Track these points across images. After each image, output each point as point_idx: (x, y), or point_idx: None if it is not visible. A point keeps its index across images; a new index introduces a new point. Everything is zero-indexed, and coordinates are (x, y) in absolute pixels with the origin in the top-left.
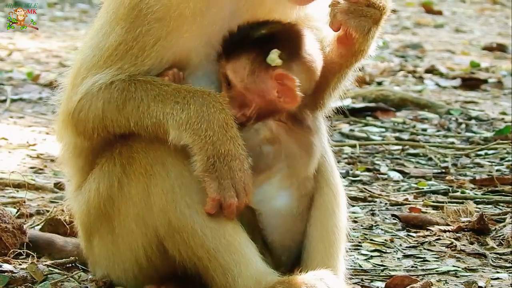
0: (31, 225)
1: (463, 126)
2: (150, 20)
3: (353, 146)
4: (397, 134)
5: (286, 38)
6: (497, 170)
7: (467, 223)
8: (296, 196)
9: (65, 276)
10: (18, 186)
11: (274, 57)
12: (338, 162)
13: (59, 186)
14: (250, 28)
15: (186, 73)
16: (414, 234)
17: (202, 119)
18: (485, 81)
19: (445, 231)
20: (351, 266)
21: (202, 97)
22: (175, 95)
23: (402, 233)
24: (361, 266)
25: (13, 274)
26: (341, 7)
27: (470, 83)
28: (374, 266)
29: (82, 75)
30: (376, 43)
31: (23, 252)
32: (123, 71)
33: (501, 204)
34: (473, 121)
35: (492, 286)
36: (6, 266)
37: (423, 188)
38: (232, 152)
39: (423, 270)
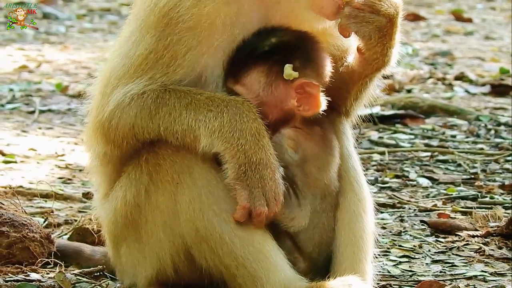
0: (59, 234)
1: (492, 132)
2: (181, 29)
3: (382, 153)
4: (426, 141)
5: (297, 46)
6: None
7: (495, 228)
8: (319, 194)
9: (93, 284)
10: (46, 196)
11: (289, 71)
12: (367, 169)
13: (87, 196)
14: (257, 40)
15: (216, 81)
16: (442, 240)
17: (235, 127)
18: None
19: (473, 236)
20: (379, 271)
21: (235, 106)
22: (208, 103)
23: (430, 239)
24: (389, 272)
25: (40, 283)
26: (344, 12)
27: (500, 89)
28: (403, 271)
29: (112, 85)
30: (397, 53)
31: (51, 261)
32: (155, 80)
33: None
34: (502, 127)
35: None
36: (34, 275)
37: (452, 194)
38: (264, 161)
39: (451, 275)
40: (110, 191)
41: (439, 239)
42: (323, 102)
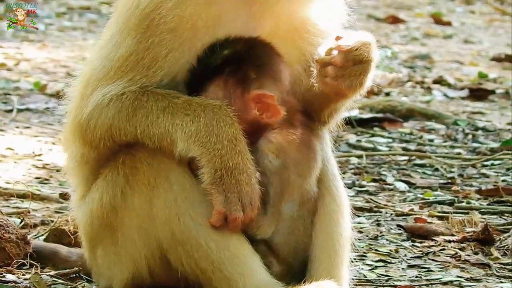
0: (35, 235)
1: (470, 136)
2: (162, 30)
3: (360, 157)
4: (404, 145)
5: (250, 54)
6: (502, 181)
7: (471, 234)
8: (298, 200)
9: (69, 286)
10: (23, 196)
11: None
12: (344, 172)
13: (64, 196)
14: (211, 55)
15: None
16: (419, 244)
17: (212, 132)
18: (492, 92)
19: (449, 241)
20: (355, 276)
21: (212, 110)
22: (186, 107)
23: (407, 243)
24: (365, 276)
25: (16, 285)
26: (330, 73)
27: (478, 93)
28: (379, 276)
29: (92, 86)
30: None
31: (27, 262)
32: (134, 82)
33: (506, 215)
34: (479, 132)
35: None
36: (9, 277)
37: (428, 199)
38: (240, 166)
39: (427, 280)
40: (87, 193)
41: (416, 244)
42: (280, 109)
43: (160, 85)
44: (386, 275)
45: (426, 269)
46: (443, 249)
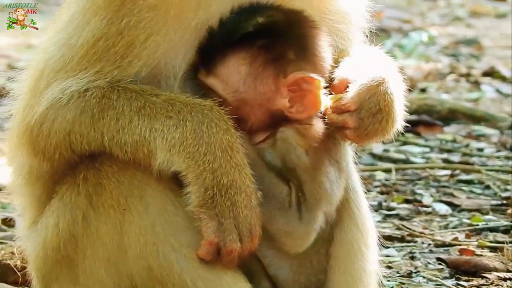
0: None
1: None
2: (141, 8)
3: (388, 171)
4: (445, 155)
5: (290, 29)
6: None
7: None
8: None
9: None
10: None
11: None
12: (368, 191)
13: (8, 223)
14: (238, 20)
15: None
16: (465, 283)
17: (201, 140)
18: None
19: (505, 279)
20: None
21: (202, 112)
22: (167, 108)
23: (450, 282)
24: None
25: None
26: (347, 134)
27: None
28: None
29: (47, 80)
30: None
31: None
32: (103, 75)
33: None
34: None
35: None
36: None
37: (477, 225)
38: (237, 183)
39: None
40: (38, 218)
41: (461, 283)
42: (323, 101)
43: (135, 81)
44: None
45: None
46: None
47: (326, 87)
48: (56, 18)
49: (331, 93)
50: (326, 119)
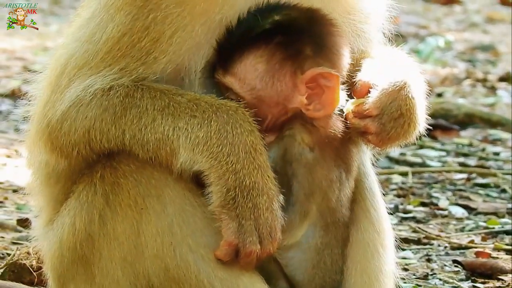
0: None
1: None
2: (168, 3)
3: (405, 174)
4: (461, 159)
5: (307, 26)
6: None
7: None
8: (320, 224)
9: None
10: None
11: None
12: (385, 194)
13: (23, 223)
14: (256, 18)
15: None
16: (481, 286)
17: (225, 140)
18: None
19: None
20: None
21: (227, 113)
22: (192, 108)
23: (466, 284)
24: None
25: None
26: (371, 130)
27: None
28: None
29: (69, 76)
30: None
31: None
32: (128, 72)
33: None
34: None
35: None
36: None
37: (493, 228)
38: (260, 185)
39: None
40: (55, 217)
41: (477, 285)
42: (341, 98)
43: (160, 78)
44: None
45: None
46: None
47: (344, 85)
48: (75, 16)
49: (352, 97)
50: (348, 124)
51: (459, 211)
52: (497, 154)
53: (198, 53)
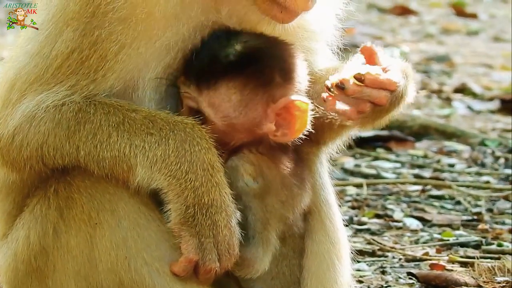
0: None
1: (502, 161)
2: (111, 20)
3: (359, 186)
4: (416, 171)
5: (273, 53)
6: None
7: (504, 284)
8: (276, 236)
9: None
10: None
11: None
12: (340, 206)
13: None
14: (218, 46)
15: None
16: None
17: (183, 158)
18: None
19: None
20: None
21: (184, 131)
22: (148, 125)
23: None
24: None
25: None
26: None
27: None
28: None
29: (20, 91)
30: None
31: None
32: (80, 88)
33: None
34: None
35: None
36: None
37: (448, 240)
38: (218, 203)
39: None
40: (8, 231)
41: None
42: (308, 124)
43: (110, 95)
44: None
45: None
46: None
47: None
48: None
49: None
50: (348, 90)
51: (413, 223)
52: (452, 166)
53: (146, 69)
